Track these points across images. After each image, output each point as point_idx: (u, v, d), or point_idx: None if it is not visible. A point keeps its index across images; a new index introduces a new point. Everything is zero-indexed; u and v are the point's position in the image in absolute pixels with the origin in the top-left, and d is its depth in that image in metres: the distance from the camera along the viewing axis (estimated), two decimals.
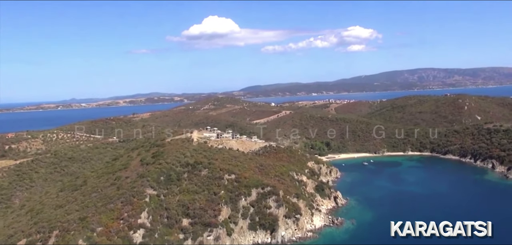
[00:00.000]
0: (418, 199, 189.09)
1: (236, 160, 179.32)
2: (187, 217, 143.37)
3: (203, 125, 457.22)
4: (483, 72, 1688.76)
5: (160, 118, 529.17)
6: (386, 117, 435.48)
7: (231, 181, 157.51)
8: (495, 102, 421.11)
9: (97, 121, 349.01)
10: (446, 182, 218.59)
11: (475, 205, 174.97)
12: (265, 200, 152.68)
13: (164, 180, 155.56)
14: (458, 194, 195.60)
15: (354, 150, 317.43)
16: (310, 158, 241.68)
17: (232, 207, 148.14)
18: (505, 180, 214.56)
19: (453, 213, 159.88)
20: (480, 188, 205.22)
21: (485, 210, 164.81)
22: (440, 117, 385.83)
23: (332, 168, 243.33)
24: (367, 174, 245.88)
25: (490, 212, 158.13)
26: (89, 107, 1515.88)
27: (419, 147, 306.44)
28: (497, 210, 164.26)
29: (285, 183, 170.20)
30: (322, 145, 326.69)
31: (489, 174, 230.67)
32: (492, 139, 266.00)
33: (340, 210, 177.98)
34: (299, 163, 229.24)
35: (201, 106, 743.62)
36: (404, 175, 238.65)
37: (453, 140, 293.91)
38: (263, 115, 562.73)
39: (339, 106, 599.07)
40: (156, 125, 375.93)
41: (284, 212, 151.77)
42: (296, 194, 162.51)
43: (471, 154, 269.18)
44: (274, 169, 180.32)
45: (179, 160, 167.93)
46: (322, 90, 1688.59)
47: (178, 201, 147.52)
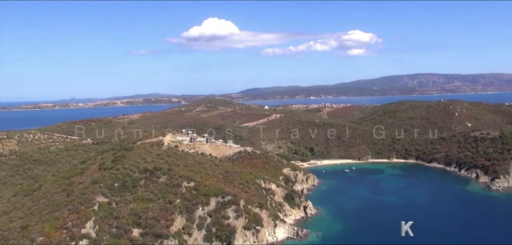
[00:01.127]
0: (392, 211, 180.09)
1: (200, 167, 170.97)
2: (138, 227, 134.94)
3: (191, 127, 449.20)
4: (483, 78, 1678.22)
5: (149, 120, 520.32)
6: (377, 122, 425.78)
7: (190, 189, 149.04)
8: (488, 109, 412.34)
9: (77, 122, 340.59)
10: (425, 193, 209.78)
11: (450, 220, 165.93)
12: (224, 210, 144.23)
13: (118, 186, 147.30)
14: (435, 206, 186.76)
15: (338, 156, 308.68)
16: (287, 164, 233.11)
17: (188, 217, 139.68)
18: (487, 192, 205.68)
19: (424, 228, 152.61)
20: (459, 200, 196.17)
21: (458, 227, 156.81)
22: (430, 123, 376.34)
23: (310, 175, 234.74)
24: (346, 182, 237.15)
25: (462, 232, 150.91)
26: (86, 107, 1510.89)
27: (404, 154, 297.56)
28: (469, 227, 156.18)
29: (249, 192, 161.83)
30: (306, 151, 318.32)
31: (472, 184, 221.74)
32: (478, 148, 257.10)
33: (309, 221, 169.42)
34: (273, 170, 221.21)
35: (194, 108, 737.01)
36: (383, 184, 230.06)
37: (439, 148, 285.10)
38: (254, 118, 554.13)
39: (331, 111, 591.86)
40: (141, 127, 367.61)
41: (243, 223, 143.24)
42: (259, 203, 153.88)
43: (456, 163, 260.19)
44: (239, 176, 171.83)
45: (138, 165, 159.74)
46: (320, 94, 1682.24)
47: (130, 210, 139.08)
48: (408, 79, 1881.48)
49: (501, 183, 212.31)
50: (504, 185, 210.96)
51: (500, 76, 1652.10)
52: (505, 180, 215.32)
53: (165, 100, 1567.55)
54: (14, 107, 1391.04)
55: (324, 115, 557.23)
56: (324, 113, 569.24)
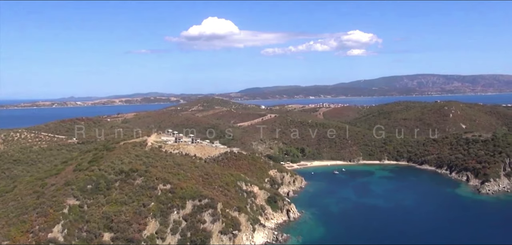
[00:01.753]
0: (378, 215, 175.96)
1: (179, 168, 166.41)
2: (110, 231, 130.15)
3: (184, 127, 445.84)
4: (482, 79, 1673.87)
5: (143, 119, 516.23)
6: (371, 123, 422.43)
7: (165, 192, 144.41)
8: (483, 110, 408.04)
9: (66, 121, 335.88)
10: (414, 196, 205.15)
11: (434, 224, 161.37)
12: (200, 214, 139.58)
13: (92, 189, 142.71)
14: (421, 210, 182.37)
15: (329, 157, 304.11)
16: (273, 166, 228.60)
17: (162, 220, 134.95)
18: (476, 195, 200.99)
19: (408, 233, 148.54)
20: (446, 204, 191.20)
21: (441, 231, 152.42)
22: (424, 124, 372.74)
23: (297, 177, 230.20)
24: (334, 184, 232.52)
25: (444, 237, 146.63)
26: (85, 105, 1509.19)
27: (396, 156, 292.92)
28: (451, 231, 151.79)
29: (228, 195, 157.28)
30: (297, 151, 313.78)
31: (462, 187, 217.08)
32: (470, 150, 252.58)
33: (291, 225, 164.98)
34: (259, 171, 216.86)
35: (189, 107, 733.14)
36: (372, 186, 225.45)
37: (430, 150, 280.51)
38: (248, 118, 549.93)
39: (328, 111, 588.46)
40: (132, 127, 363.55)
41: (220, 227, 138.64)
42: (238, 207, 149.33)
43: (447, 165, 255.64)
44: (220, 178, 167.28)
45: (114, 167, 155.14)
46: (320, 94, 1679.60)
47: (102, 213, 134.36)
48: (408, 79, 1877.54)
49: (491, 186, 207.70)
50: (494, 189, 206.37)
51: (500, 77, 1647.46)
52: (495, 183, 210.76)
53: (164, 99, 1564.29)
54: (11, 105, 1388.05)
55: (320, 115, 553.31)
56: (320, 114, 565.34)
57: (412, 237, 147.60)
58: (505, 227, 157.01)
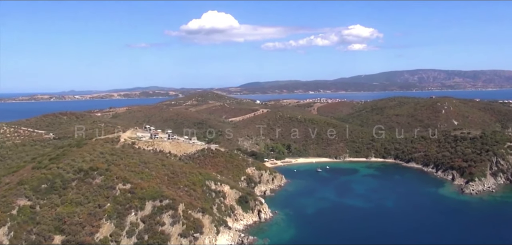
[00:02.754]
0: (355, 216, 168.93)
1: (144, 166, 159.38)
2: (61, 233, 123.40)
3: (173, 122, 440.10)
4: (483, 74, 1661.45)
5: (133, 114, 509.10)
6: (363, 119, 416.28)
7: (124, 192, 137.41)
8: (477, 107, 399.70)
9: (48, 115, 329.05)
10: (395, 196, 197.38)
11: (409, 227, 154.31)
12: (160, 215, 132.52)
13: (46, 188, 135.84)
14: (400, 211, 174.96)
15: (315, 154, 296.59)
16: (252, 163, 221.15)
17: (118, 222, 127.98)
18: (459, 195, 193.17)
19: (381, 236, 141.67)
20: (427, 204, 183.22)
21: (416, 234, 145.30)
22: (416, 120, 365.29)
23: (277, 175, 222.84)
24: (315, 182, 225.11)
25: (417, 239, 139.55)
26: (83, 99, 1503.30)
27: (383, 153, 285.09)
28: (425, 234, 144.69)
29: (194, 195, 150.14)
30: (283, 148, 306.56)
31: (446, 186, 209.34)
32: (457, 148, 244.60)
33: (261, 226, 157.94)
34: (236, 169, 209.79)
35: (184, 102, 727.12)
36: (354, 185, 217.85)
37: (418, 147, 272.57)
38: (240, 113, 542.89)
39: (322, 106, 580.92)
40: (118, 122, 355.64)
41: (180, 230, 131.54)
42: (202, 208, 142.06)
43: (433, 163, 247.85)
44: (187, 177, 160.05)
45: (73, 165, 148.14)
46: (320, 89, 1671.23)
47: (55, 214, 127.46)
48: (409, 74, 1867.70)
49: (476, 186, 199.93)
50: (478, 189, 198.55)
51: (501, 73, 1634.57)
52: (480, 183, 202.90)
53: (162, 93, 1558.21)
54: (9, 99, 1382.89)
55: (314, 111, 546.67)
56: (315, 109, 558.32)
57: (384, 240, 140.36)
58: (481, 229, 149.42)
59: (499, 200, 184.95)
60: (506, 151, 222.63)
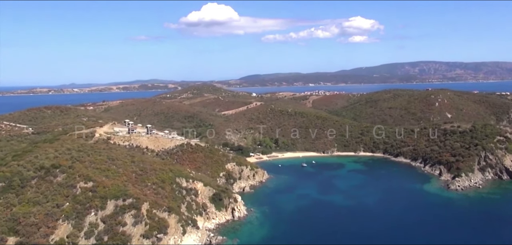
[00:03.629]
0: (332, 214, 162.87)
1: (111, 163, 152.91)
2: (16, 235, 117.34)
3: (163, 115, 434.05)
4: (485, 66, 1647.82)
5: (125, 107, 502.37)
6: (356, 112, 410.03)
7: (86, 191, 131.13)
8: (472, 99, 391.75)
9: (32, 110, 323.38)
10: (379, 193, 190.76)
11: (387, 225, 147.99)
12: (122, 215, 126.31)
13: (4, 187, 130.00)
14: (381, 209, 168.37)
15: (303, 148, 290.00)
16: (233, 158, 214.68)
17: (76, 223, 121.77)
18: (444, 192, 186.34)
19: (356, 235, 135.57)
20: (409, 202, 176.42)
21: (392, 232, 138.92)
22: (409, 113, 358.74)
23: (258, 171, 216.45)
24: (299, 178, 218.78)
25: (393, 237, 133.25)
26: (81, 92, 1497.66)
27: (372, 147, 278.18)
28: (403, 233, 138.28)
29: (161, 193, 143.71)
30: (270, 142, 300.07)
31: (432, 182, 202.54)
32: (446, 142, 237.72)
33: (233, 225, 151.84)
34: (215, 165, 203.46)
35: (179, 95, 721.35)
36: (338, 181, 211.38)
37: (407, 141, 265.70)
38: (234, 106, 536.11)
39: (317, 99, 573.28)
40: (106, 116, 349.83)
41: (142, 230, 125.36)
42: (168, 207, 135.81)
43: (422, 158, 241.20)
44: (156, 175, 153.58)
45: (35, 162, 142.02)
46: (320, 81, 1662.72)
47: (11, 215, 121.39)
48: (410, 66, 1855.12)
49: (462, 182, 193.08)
50: (465, 185, 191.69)
51: (503, 64, 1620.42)
52: (466, 178, 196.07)
53: (161, 86, 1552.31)
54: (8, 92, 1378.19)
55: (309, 103, 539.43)
56: (310, 102, 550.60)
57: (358, 240, 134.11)
58: (458, 228, 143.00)
59: (484, 197, 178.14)
60: (496, 145, 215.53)
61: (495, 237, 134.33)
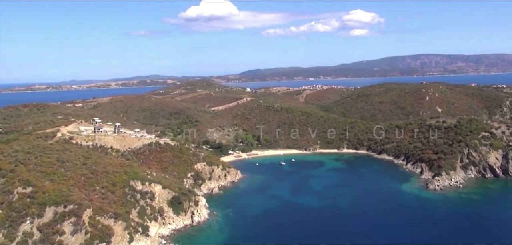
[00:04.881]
0: (301, 218, 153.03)
1: (60, 166, 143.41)
2: None
3: (149, 112, 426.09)
4: (486, 58, 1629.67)
5: (113, 104, 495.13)
6: (347, 106, 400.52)
7: (23, 197, 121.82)
8: (464, 92, 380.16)
9: (9, 108, 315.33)
10: (353, 193, 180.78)
11: (355, 230, 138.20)
12: (60, 223, 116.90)
13: None
14: (352, 211, 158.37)
15: (285, 145, 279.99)
16: (203, 158, 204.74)
17: (8, 233, 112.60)
18: (422, 192, 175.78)
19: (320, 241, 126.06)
20: (384, 203, 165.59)
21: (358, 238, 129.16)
22: (399, 108, 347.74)
23: (231, 170, 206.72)
24: (274, 178, 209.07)
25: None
26: (80, 89, 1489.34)
27: (355, 144, 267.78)
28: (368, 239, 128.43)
29: (109, 198, 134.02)
30: (252, 139, 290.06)
31: (412, 181, 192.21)
32: (430, 138, 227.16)
33: (191, 230, 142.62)
34: (183, 165, 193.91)
35: (172, 91, 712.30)
36: (314, 181, 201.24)
37: (391, 137, 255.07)
38: (224, 101, 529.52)
39: (311, 93, 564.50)
40: (92, 113, 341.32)
41: (82, 239, 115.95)
42: (115, 213, 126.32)
43: (404, 155, 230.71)
44: (107, 177, 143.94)
45: None
46: (320, 75, 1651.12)
47: None
48: (411, 59, 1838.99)
49: (442, 181, 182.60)
50: (444, 184, 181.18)
51: (504, 56, 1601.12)
52: (447, 177, 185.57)
53: (160, 82, 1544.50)
54: (5, 90, 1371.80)
55: (301, 98, 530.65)
56: (303, 96, 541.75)
57: None
58: (430, 232, 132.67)
59: (463, 197, 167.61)
60: (480, 141, 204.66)
61: (467, 241, 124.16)
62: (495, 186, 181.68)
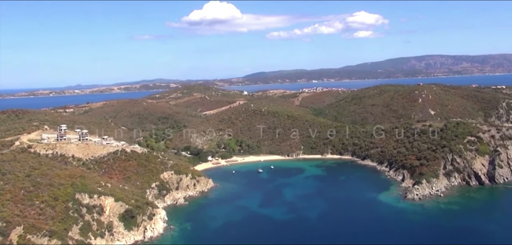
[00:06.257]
0: (262, 232, 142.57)
1: (2, 179, 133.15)
2: None
3: (138, 117, 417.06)
4: (492, 59, 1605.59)
5: (103, 108, 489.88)
6: (339, 110, 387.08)
7: None
8: (460, 94, 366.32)
9: None
10: (325, 204, 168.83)
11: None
12: None
13: None
14: (320, 225, 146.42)
15: (268, 151, 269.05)
16: (171, 167, 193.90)
17: None
18: (400, 202, 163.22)
19: None
20: (356, 216, 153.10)
21: None
22: (391, 111, 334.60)
23: (201, 180, 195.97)
24: (247, 187, 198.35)
25: None
26: (82, 93, 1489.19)
27: (340, 149, 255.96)
28: None
29: (48, 214, 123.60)
30: (234, 145, 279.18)
31: (391, 190, 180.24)
32: (414, 143, 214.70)
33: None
34: (148, 175, 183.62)
35: (168, 95, 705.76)
36: (288, 190, 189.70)
37: (377, 142, 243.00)
38: (217, 105, 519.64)
39: (307, 96, 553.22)
40: (58, 120, 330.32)
41: None
42: (50, 231, 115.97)
43: (388, 161, 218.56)
44: (50, 190, 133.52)
45: None
46: (323, 77, 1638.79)
47: None
48: (416, 61, 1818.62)
49: (421, 190, 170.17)
50: (424, 193, 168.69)
51: (510, 57, 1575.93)
52: (427, 186, 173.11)
53: (163, 86, 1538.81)
54: (8, 95, 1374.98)
55: (297, 101, 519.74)
56: (298, 99, 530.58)
57: None
58: None
59: (442, 208, 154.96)
60: (466, 146, 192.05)
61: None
62: (479, 195, 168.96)
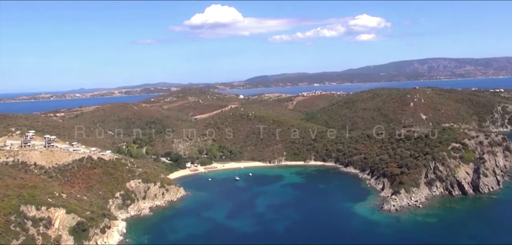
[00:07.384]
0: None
1: None
2: None
3: (125, 122, 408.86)
4: (496, 61, 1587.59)
5: (94, 113, 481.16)
6: (331, 114, 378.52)
7: None
8: (454, 98, 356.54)
9: None
10: (297, 215, 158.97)
11: None
12: None
13: None
14: (285, 239, 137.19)
15: (249, 157, 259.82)
16: (139, 175, 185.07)
17: None
18: (374, 214, 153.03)
19: None
20: (326, 228, 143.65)
21: None
22: (381, 115, 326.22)
23: (171, 188, 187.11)
24: (219, 196, 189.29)
25: None
26: (83, 97, 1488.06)
27: (323, 155, 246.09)
28: None
29: None
30: (216, 151, 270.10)
31: (369, 200, 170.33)
32: (397, 150, 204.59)
33: None
34: (113, 183, 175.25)
35: (163, 99, 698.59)
36: (261, 199, 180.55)
37: (360, 148, 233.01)
38: (209, 109, 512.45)
39: (302, 100, 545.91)
40: (34, 125, 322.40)
41: None
42: None
43: (370, 168, 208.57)
44: None
45: None
46: (325, 81, 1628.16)
47: None
48: (418, 64, 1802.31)
49: (399, 200, 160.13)
50: (402, 203, 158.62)
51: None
52: (406, 196, 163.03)
53: (164, 89, 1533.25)
54: (9, 99, 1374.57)
55: (291, 105, 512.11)
56: (293, 103, 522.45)
57: None
58: None
59: (419, 221, 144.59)
60: (449, 153, 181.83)
61: None
62: (460, 206, 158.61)
